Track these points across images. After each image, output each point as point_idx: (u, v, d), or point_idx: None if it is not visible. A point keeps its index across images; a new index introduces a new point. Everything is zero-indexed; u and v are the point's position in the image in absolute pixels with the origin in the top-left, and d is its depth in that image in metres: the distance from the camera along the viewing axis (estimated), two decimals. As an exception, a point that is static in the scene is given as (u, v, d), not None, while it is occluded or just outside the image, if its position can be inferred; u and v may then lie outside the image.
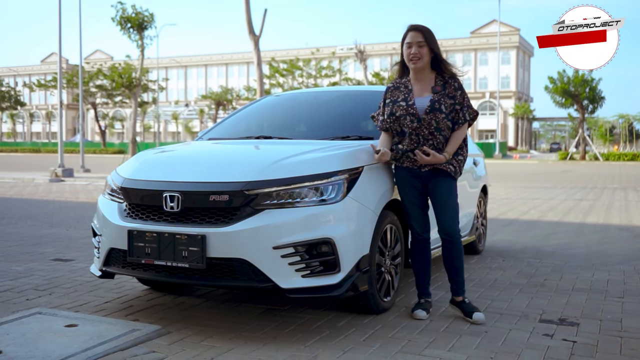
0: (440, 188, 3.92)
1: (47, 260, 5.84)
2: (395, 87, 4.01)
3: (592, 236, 7.77)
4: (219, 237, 3.44)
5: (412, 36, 3.89)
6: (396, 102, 3.92)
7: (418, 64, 3.88)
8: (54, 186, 17.10)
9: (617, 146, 57.62)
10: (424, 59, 3.88)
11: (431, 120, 3.83)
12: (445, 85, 3.91)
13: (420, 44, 3.87)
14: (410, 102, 3.87)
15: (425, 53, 3.88)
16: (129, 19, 30.43)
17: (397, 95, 3.96)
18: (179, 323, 3.76)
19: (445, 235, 3.98)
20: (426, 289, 4.07)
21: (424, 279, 4.07)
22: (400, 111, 3.87)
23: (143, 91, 53.10)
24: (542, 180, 20.32)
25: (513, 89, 79.95)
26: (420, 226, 4.02)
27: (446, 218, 3.94)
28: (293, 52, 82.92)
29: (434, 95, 3.87)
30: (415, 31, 3.89)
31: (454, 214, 3.96)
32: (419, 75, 3.96)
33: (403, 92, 3.95)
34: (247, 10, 20.76)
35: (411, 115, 3.85)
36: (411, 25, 3.93)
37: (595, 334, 3.60)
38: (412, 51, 3.87)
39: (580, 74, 41.49)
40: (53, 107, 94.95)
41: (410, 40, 3.89)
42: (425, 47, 3.87)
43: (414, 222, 4.02)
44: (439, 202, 3.95)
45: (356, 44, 46.89)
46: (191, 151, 4.48)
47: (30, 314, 3.82)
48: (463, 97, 3.92)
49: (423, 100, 3.87)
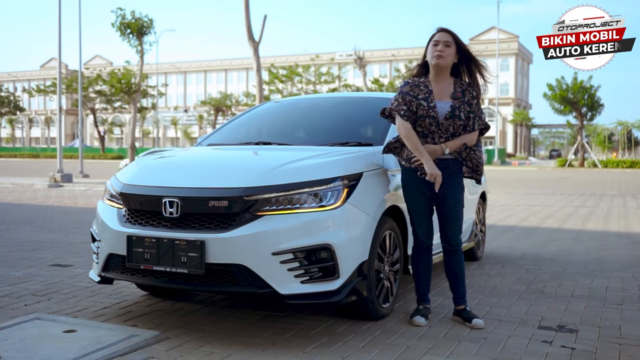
0: (449, 197, 3.90)
1: (45, 265, 5.83)
2: (414, 84, 3.94)
3: (591, 243, 7.77)
4: (218, 243, 3.44)
5: (440, 35, 3.89)
6: (417, 98, 3.86)
7: (441, 62, 3.85)
8: (52, 191, 17.09)
9: (616, 153, 57.64)
10: (448, 59, 3.86)
11: (449, 126, 3.82)
12: (464, 92, 3.90)
13: (447, 44, 3.86)
14: (432, 104, 3.83)
15: (450, 54, 3.87)
16: (129, 24, 30.44)
17: (417, 92, 3.88)
18: (178, 329, 3.75)
19: (449, 245, 3.98)
20: (426, 296, 4.07)
21: (424, 285, 4.06)
22: (422, 111, 3.83)
23: (142, 97, 53.12)
24: (541, 187, 20.33)
25: (512, 96, 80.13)
26: (424, 233, 3.99)
27: (451, 228, 3.95)
28: (292, 58, 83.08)
29: (454, 101, 3.85)
30: (445, 32, 3.90)
31: (459, 224, 3.98)
32: (439, 76, 3.92)
33: (423, 91, 3.89)
34: (247, 16, 20.81)
35: (431, 118, 3.81)
36: (440, 27, 3.93)
37: (594, 341, 3.59)
38: (438, 48, 3.85)
39: (579, 81, 41.57)
40: (52, 112, 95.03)
41: (438, 39, 3.88)
42: (452, 49, 3.87)
43: (418, 228, 3.99)
44: (446, 211, 3.94)
45: (355, 50, 46.96)
46: (190, 157, 4.48)
47: (29, 319, 3.82)
48: (478, 107, 3.93)
49: (443, 105, 3.84)
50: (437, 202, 3.95)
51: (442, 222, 3.98)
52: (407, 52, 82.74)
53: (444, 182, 3.86)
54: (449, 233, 3.96)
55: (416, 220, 3.98)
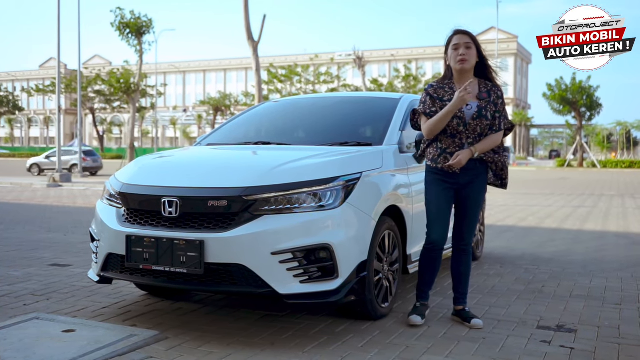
0: (472, 196, 3.89)
1: (44, 265, 5.83)
2: (439, 86, 3.92)
3: (589, 243, 7.78)
4: (218, 243, 3.44)
5: (459, 38, 3.85)
6: (442, 100, 3.84)
7: (466, 65, 3.82)
8: (52, 191, 17.09)
9: (615, 153, 57.71)
10: (472, 60, 3.84)
11: (476, 126, 3.79)
12: (490, 92, 3.88)
13: (468, 45, 3.82)
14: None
15: (473, 55, 3.84)
16: (128, 24, 30.46)
17: (441, 94, 3.86)
18: (177, 329, 3.75)
19: (461, 244, 3.98)
20: (426, 293, 4.03)
21: (427, 285, 4.02)
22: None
23: (141, 96, 53.08)
24: (540, 187, 20.35)
25: (511, 96, 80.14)
26: (440, 234, 3.89)
27: (467, 227, 3.95)
28: (292, 58, 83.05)
29: (481, 102, 3.83)
30: (462, 34, 3.85)
31: (475, 225, 3.99)
32: (463, 78, 3.88)
33: (448, 92, 3.86)
34: (246, 16, 20.81)
35: (458, 118, 3.78)
36: (457, 29, 3.88)
37: (593, 341, 3.60)
38: (460, 52, 3.82)
39: (578, 82, 41.60)
40: (51, 112, 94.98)
41: (458, 42, 3.83)
42: (473, 49, 3.84)
43: (435, 228, 3.89)
44: (466, 210, 3.92)
45: (355, 50, 46.95)
46: (190, 157, 4.48)
47: (28, 319, 3.82)
48: (503, 107, 3.91)
49: (470, 106, 3.82)
50: (459, 201, 3.93)
51: (459, 221, 3.97)
52: (407, 52, 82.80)
53: (469, 181, 3.85)
54: (464, 232, 3.96)
55: (434, 220, 3.90)
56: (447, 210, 3.91)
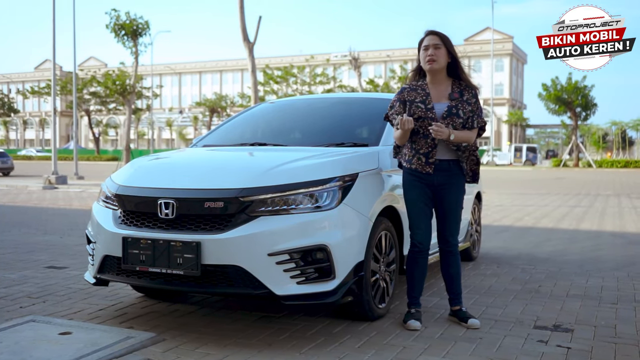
0: (450, 196, 3.91)
1: (41, 267, 5.82)
2: (412, 88, 3.95)
3: (586, 243, 7.80)
4: (214, 244, 3.43)
5: (429, 39, 3.89)
6: (414, 102, 3.87)
7: (434, 65, 3.86)
8: (47, 193, 17.05)
9: (610, 153, 57.84)
10: (440, 61, 3.87)
11: (448, 124, 3.80)
12: (462, 92, 3.90)
13: (437, 46, 3.86)
14: (429, 106, 3.84)
15: (442, 55, 3.87)
16: (123, 26, 30.40)
17: (414, 96, 3.90)
18: (174, 330, 3.75)
19: (446, 245, 3.99)
20: (417, 300, 4.01)
21: (417, 289, 4.00)
22: (419, 112, 3.83)
23: (137, 98, 53.05)
24: (536, 187, 20.39)
25: (507, 96, 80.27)
26: (423, 234, 3.93)
27: (449, 229, 3.96)
28: (287, 59, 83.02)
29: (452, 102, 3.86)
30: (433, 35, 3.90)
31: (457, 226, 3.99)
32: (435, 79, 3.92)
33: (420, 94, 3.90)
34: (242, 17, 20.79)
35: (430, 119, 3.81)
36: (428, 30, 3.93)
37: (589, 340, 3.60)
38: (428, 52, 3.87)
39: (573, 82, 41.70)
40: (46, 114, 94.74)
41: (427, 43, 3.89)
42: (442, 50, 3.87)
43: (417, 229, 3.93)
44: (445, 212, 3.94)
45: (350, 51, 47.01)
46: (186, 158, 4.47)
47: (24, 321, 3.80)
48: (477, 106, 3.93)
49: (441, 106, 3.85)
50: (437, 203, 3.95)
51: (440, 222, 3.98)
52: (402, 52, 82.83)
53: (444, 182, 3.87)
54: (447, 232, 3.97)
55: (415, 221, 3.93)
56: (428, 210, 3.93)
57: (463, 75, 3.95)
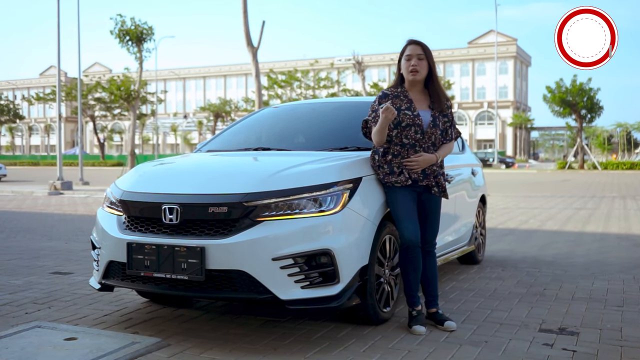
0: (432, 200, 3.99)
1: (46, 273, 5.83)
2: (394, 95, 3.98)
3: (591, 245, 7.77)
4: (218, 249, 3.44)
5: (412, 49, 3.93)
6: (400, 109, 3.89)
7: (417, 77, 3.91)
8: (52, 199, 17.10)
9: (616, 155, 57.71)
10: (422, 72, 3.92)
11: (431, 134, 3.89)
12: (439, 104, 3.97)
13: (420, 57, 3.91)
14: (415, 112, 3.87)
15: (424, 66, 3.93)
16: (128, 32, 30.46)
17: (398, 104, 3.92)
18: (179, 335, 3.75)
19: (425, 246, 4.03)
20: (415, 298, 3.95)
21: (413, 287, 3.95)
22: (407, 120, 3.85)
23: (142, 103, 53.16)
24: (541, 190, 20.34)
25: (511, 99, 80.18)
26: (412, 230, 3.88)
27: (432, 230, 4.04)
28: (291, 63, 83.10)
29: (433, 111, 3.94)
30: (415, 44, 3.94)
31: (437, 227, 4.08)
32: (415, 88, 3.99)
33: (404, 100, 3.93)
34: (246, 22, 20.83)
35: (417, 126, 3.85)
36: (411, 39, 3.98)
37: (595, 343, 3.59)
38: (412, 63, 3.90)
39: (578, 84, 41.60)
40: (52, 120, 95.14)
41: (410, 53, 3.92)
42: (425, 61, 3.92)
43: (406, 225, 3.86)
44: (426, 214, 4.00)
45: (354, 54, 47.00)
46: (190, 163, 4.48)
47: (30, 327, 3.82)
48: (452, 117, 4.05)
49: (425, 114, 3.91)
50: (419, 205, 3.99)
51: (421, 223, 4.01)
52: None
53: (426, 185, 3.94)
54: (429, 234, 4.04)
55: (403, 219, 3.88)
56: (413, 207, 3.95)
57: (438, 87, 4.00)
